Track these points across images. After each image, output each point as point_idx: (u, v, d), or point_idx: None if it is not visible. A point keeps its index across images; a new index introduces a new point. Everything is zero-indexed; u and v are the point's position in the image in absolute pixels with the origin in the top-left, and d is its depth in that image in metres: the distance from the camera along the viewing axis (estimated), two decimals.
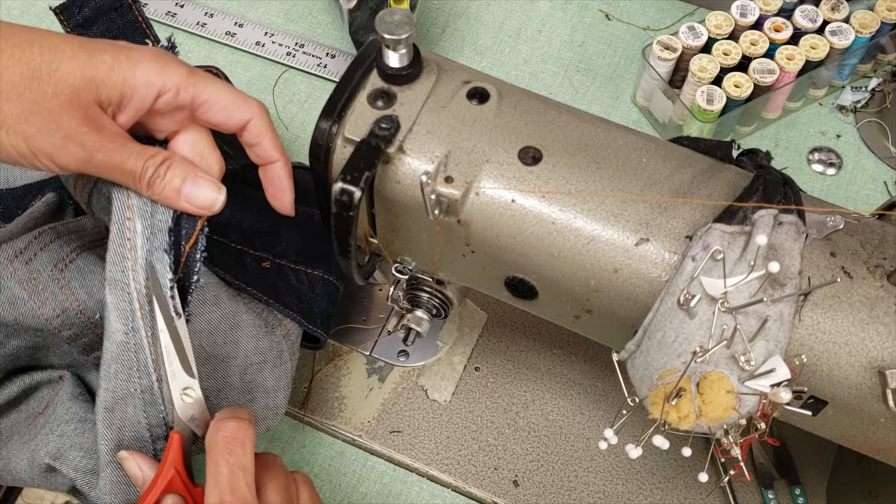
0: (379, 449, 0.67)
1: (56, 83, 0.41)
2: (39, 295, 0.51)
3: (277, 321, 0.58)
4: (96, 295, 0.52)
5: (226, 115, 0.46)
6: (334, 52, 0.87)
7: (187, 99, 0.45)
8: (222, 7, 0.89)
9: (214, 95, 0.46)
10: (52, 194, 0.60)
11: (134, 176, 0.44)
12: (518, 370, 0.70)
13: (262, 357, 0.55)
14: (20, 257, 0.51)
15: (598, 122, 0.49)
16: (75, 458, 0.51)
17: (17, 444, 0.54)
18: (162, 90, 0.44)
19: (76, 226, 0.55)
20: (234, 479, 0.42)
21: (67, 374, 0.56)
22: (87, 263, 0.52)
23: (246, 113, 0.47)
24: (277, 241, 0.61)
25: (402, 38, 0.45)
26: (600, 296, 0.46)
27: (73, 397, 0.54)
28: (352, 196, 0.43)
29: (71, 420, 0.53)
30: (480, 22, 0.90)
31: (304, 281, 0.61)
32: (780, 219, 0.42)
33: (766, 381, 0.41)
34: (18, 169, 0.62)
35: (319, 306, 0.61)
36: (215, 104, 0.46)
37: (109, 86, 0.42)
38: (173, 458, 0.44)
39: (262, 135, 0.48)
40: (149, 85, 0.43)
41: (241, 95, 0.47)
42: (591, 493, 0.65)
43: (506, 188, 0.45)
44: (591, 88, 0.86)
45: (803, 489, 0.65)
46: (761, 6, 0.78)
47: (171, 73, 0.44)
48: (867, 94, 0.84)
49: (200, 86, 0.45)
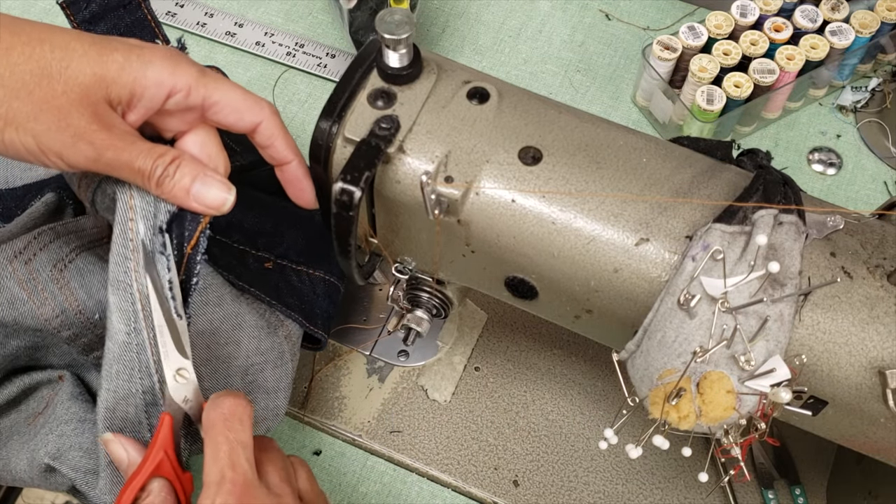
0: (379, 449, 0.67)
1: (66, 81, 0.41)
2: (39, 295, 0.51)
3: (279, 322, 0.57)
4: (95, 295, 0.52)
5: (237, 116, 0.46)
6: (334, 52, 0.87)
7: (198, 100, 0.45)
8: (222, 7, 0.89)
9: (225, 97, 0.45)
10: (52, 194, 0.60)
11: (143, 175, 0.44)
12: (518, 370, 0.70)
13: (264, 358, 0.55)
14: (19, 257, 0.51)
15: (598, 122, 0.49)
16: (75, 457, 0.51)
17: (16, 445, 0.54)
18: (173, 90, 0.44)
19: (75, 226, 0.55)
20: (235, 455, 0.41)
21: (67, 374, 0.56)
22: (87, 263, 0.52)
23: (257, 115, 0.47)
24: (279, 241, 0.61)
25: (402, 38, 0.45)
26: (600, 296, 0.46)
27: (73, 397, 0.54)
28: (352, 196, 0.43)
29: (70, 420, 0.52)
30: (480, 22, 0.90)
31: (305, 282, 0.61)
32: (780, 219, 0.42)
33: (766, 381, 0.41)
34: (18, 169, 0.62)
35: (320, 307, 0.61)
36: (226, 106, 0.46)
37: (120, 84, 0.42)
38: (163, 441, 0.43)
39: (274, 136, 0.48)
40: (160, 85, 0.43)
41: (251, 97, 0.47)
42: (591, 493, 0.65)
43: (506, 188, 0.45)
44: (591, 88, 0.86)
45: (803, 489, 0.65)
46: (761, 6, 0.78)
47: (183, 74, 0.44)
48: (867, 94, 0.84)
49: (212, 87, 0.45)
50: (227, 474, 0.40)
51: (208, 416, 0.43)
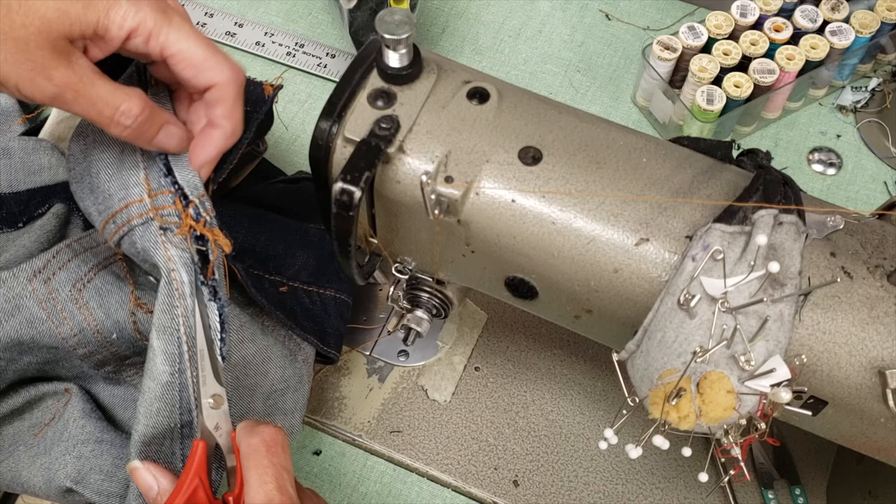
0: (379, 449, 0.67)
1: (27, 13, 0.40)
2: (58, 315, 0.51)
3: (297, 346, 0.58)
4: (113, 315, 0.52)
5: (193, 73, 0.45)
6: (334, 52, 0.87)
7: (157, 49, 0.44)
8: (222, 7, 0.89)
9: (186, 50, 0.44)
10: (61, 205, 0.60)
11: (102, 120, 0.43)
12: (518, 370, 0.70)
13: (286, 384, 0.56)
14: (39, 276, 0.51)
15: (598, 122, 0.49)
16: (97, 481, 0.52)
17: (25, 457, 0.54)
18: (133, 33, 0.43)
19: (90, 241, 0.55)
20: (281, 480, 0.41)
21: (74, 388, 0.56)
22: (105, 283, 0.53)
23: (216, 76, 0.45)
24: (291, 262, 0.61)
25: (402, 37, 0.45)
26: (600, 296, 0.46)
27: (86, 415, 0.54)
28: (352, 196, 0.43)
29: (88, 441, 0.53)
30: (480, 22, 0.90)
31: (317, 303, 0.61)
32: (780, 219, 0.42)
33: (766, 381, 0.41)
34: (23, 173, 0.62)
35: (332, 326, 0.61)
36: (184, 59, 0.44)
37: (83, 23, 0.41)
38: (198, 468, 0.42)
39: (221, 101, 0.46)
40: (121, 27, 0.42)
41: (215, 55, 0.45)
42: (591, 493, 0.65)
43: (506, 188, 0.45)
44: (591, 88, 0.86)
45: (803, 489, 0.65)
46: (761, 6, 0.78)
47: (145, 17, 0.43)
48: (867, 94, 0.84)
49: (173, 38, 0.44)
50: (276, 498, 0.41)
51: (249, 442, 0.43)
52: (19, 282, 0.51)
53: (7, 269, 0.52)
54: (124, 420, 0.57)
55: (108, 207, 0.48)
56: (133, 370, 0.57)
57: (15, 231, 0.59)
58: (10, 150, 0.62)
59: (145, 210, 0.47)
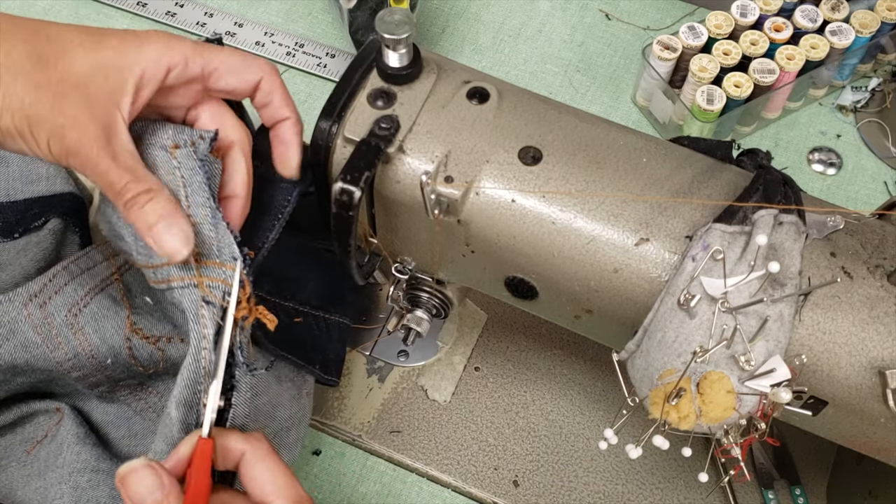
0: (379, 449, 0.67)
1: (63, 69, 0.41)
2: (53, 340, 0.51)
3: (303, 380, 0.57)
4: (109, 340, 0.52)
5: (237, 78, 0.46)
6: (334, 51, 0.87)
7: (197, 69, 0.45)
8: (222, 7, 0.89)
9: (224, 61, 0.46)
10: (58, 220, 0.59)
11: (113, 189, 0.43)
12: (518, 370, 0.70)
13: (291, 422, 0.55)
14: (34, 301, 0.51)
15: (598, 122, 0.49)
16: None
17: (19, 475, 0.54)
18: (171, 65, 0.44)
19: (86, 262, 0.54)
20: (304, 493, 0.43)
21: (66, 409, 0.56)
22: (101, 308, 0.52)
23: (257, 72, 0.47)
24: (303, 285, 0.60)
25: (402, 37, 0.45)
26: (600, 296, 0.46)
27: (80, 440, 0.54)
28: (352, 196, 0.43)
29: (84, 469, 0.53)
30: (480, 22, 0.90)
31: (322, 328, 0.60)
32: (781, 219, 0.42)
33: (766, 381, 0.41)
34: (20, 182, 0.61)
35: (334, 351, 0.61)
36: (226, 69, 0.46)
37: (118, 70, 0.42)
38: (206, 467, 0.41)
39: (272, 92, 0.48)
40: (157, 61, 0.44)
41: (249, 57, 0.47)
42: (591, 493, 0.65)
43: (506, 188, 0.45)
44: (591, 88, 0.86)
45: (803, 489, 0.65)
46: (761, 6, 0.78)
47: (177, 47, 0.44)
48: (867, 94, 0.84)
49: (208, 55, 0.45)
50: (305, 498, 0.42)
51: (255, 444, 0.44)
52: (15, 306, 0.51)
53: (3, 293, 0.51)
54: (117, 439, 0.57)
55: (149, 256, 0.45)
56: (127, 390, 0.57)
57: (11, 241, 0.58)
58: (8, 158, 0.61)
59: (189, 275, 0.44)
